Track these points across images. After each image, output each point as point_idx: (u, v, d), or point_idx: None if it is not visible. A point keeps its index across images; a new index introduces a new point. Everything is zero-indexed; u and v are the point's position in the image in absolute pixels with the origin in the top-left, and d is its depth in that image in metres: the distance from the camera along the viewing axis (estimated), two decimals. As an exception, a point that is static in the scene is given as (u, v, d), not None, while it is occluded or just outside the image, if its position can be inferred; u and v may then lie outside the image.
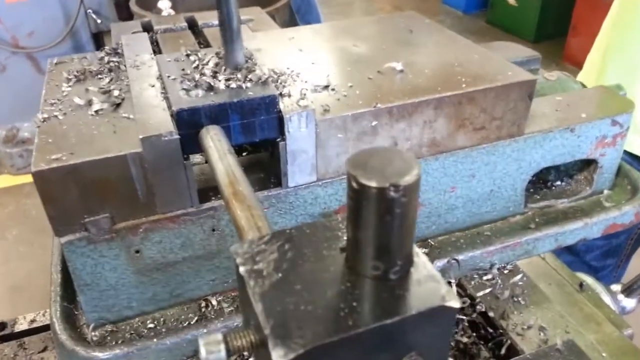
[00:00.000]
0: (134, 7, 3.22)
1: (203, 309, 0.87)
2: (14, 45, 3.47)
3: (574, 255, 1.96)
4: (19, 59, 3.55)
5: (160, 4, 2.58)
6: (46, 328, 1.50)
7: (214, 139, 0.70)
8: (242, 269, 0.44)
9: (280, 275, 0.43)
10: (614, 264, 1.96)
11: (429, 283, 0.42)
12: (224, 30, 0.78)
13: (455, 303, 0.41)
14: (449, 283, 0.94)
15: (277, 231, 0.48)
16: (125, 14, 3.80)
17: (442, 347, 0.44)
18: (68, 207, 0.71)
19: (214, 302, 0.88)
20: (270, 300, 0.41)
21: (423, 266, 0.43)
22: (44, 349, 1.44)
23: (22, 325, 1.50)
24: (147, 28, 1.43)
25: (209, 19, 1.48)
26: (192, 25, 1.46)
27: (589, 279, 1.38)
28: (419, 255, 0.44)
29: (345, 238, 0.46)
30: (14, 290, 2.89)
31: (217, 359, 0.41)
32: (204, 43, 1.33)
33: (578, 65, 4.88)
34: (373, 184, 0.38)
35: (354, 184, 0.39)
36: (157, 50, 1.05)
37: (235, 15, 0.77)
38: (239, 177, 0.62)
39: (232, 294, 0.89)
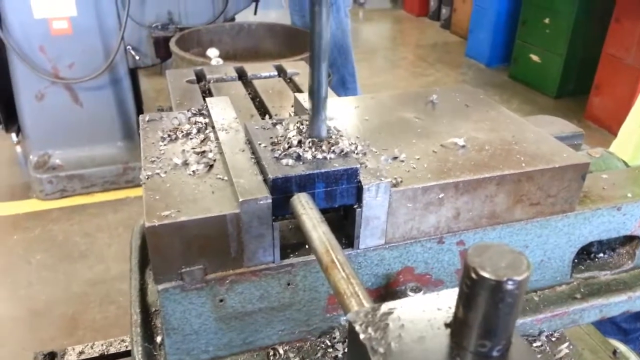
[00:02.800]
0: (173, 47, 3.39)
1: (271, 357, 0.94)
2: (54, 75, 3.63)
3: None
4: (58, 89, 3.70)
5: (209, 52, 2.74)
6: None
7: (306, 207, 0.78)
8: (362, 336, 0.51)
9: (396, 345, 0.50)
10: (644, 328, 1.98)
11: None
12: (314, 105, 0.87)
13: (551, 381, 0.48)
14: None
15: (391, 302, 0.55)
16: (162, 53, 3.98)
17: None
18: (170, 258, 0.80)
19: (281, 351, 0.95)
20: (391, 368, 0.48)
21: (520, 345, 0.50)
22: (92, 381, 1.50)
23: (71, 357, 1.57)
24: (200, 77, 1.55)
25: (256, 70, 1.60)
26: (242, 76, 1.58)
27: (622, 347, 1.42)
28: (516, 335, 0.51)
29: (451, 315, 0.53)
30: (34, 314, 2.94)
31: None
32: (252, 93, 1.44)
33: (599, 123, 4.97)
34: (492, 276, 0.45)
35: (473, 275, 0.46)
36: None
37: (325, 95, 0.87)
38: (335, 246, 0.70)
39: (297, 344, 0.96)
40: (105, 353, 1.51)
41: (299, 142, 0.89)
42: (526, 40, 6.03)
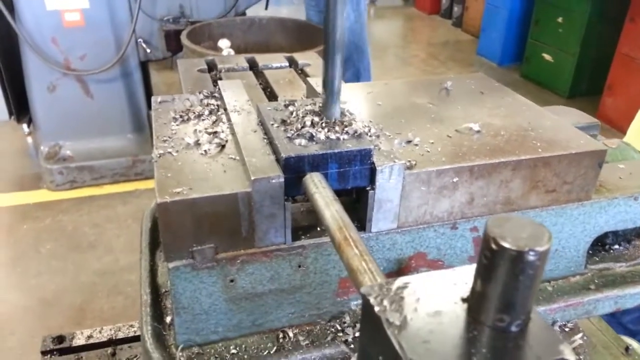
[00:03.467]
0: (184, 40, 3.39)
1: (281, 340, 0.93)
2: (66, 67, 3.64)
3: (610, 317, 1.96)
4: (69, 80, 3.72)
5: (220, 43, 2.74)
6: (103, 345, 1.56)
7: (318, 186, 0.77)
8: (377, 309, 0.50)
9: (412, 318, 0.49)
10: (651, 329, 1.96)
11: (547, 337, 0.48)
12: (326, 84, 0.86)
13: (572, 356, 0.46)
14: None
15: (405, 277, 0.54)
16: (173, 46, 3.98)
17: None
18: (181, 236, 0.79)
19: (291, 334, 0.94)
20: (406, 339, 0.47)
21: (539, 321, 0.49)
22: (100, 365, 1.50)
23: (79, 340, 1.57)
24: (211, 66, 1.54)
25: (268, 61, 1.59)
26: (253, 66, 1.57)
27: (635, 344, 1.40)
28: (535, 311, 0.50)
29: (467, 290, 0.52)
30: (43, 303, 2.96)
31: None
32: (263, 83, 1.43)
33: (611, 123, 4.92)
34: (513, 246, 0.44)
35: (493, 245, 0.45)
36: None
37: (338, 73, 0.86)
38: (347, 223, 0.69)
39: (307, 328, 0.95)
40: (114, 338, 1.51)
41: (312, 122, 0.88)
42: (539, 39, 5.99)
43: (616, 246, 1.14)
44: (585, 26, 5.31)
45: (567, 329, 1.02)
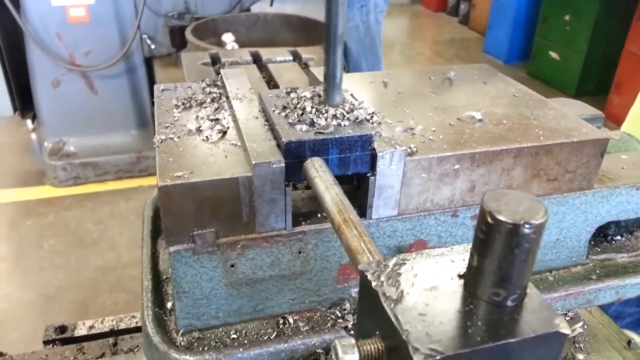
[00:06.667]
0: (189, 36, 3.39)
1: (281, 326, 0.93)
2: (71, 62, 3.65)
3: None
4: (74, 76, 3.73)
5: (224, 37, 2.74)
6: (104, 335, 1.57)
7: (319, 170, 0.77)
8: (374, 284, 0.51)
9: (408, 292, 0.50)
10: (646, 333, 1.94)
11: (542, 311, 0.48)
12: (328, 70, 0.86)
13: (567, 330, 0.46)
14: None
15: (403, 255, 0.54)
16: (178, 42, 3.99)
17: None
18: (182, 220, 0.79)
19: (291, 320, 0.94)
20: (403, 312, 0.47)
21: (535, 296, 0.49)
22: (102, 355, 1.51)
23: (81, 331, 1.58)
24: (215, 60, 1.55)
25: (271, 54, 1.59)
26: (256, 60, 1.57)
27: (637, 338, 1.39)
28: (531, 287, 0.50)
29: (464, 267, 0.52)
30: (45, 299, 2.97)
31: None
32: (267, 77, 1.44)
33: (619, 122, 4.88)
34: (509, 220, 0.44)
35: (489, 219, 0.45)
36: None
37: (340, 60, 0.86)
38: (347, 206, 0.69)
39: (307, 314, 0.95)
40: (116, 328, 1.52)
41: (314, 109, 0.88)
42: (546, 37, 5.97)
43: (618, 237, 1.14)
44: (593, 24, 5.29)
45: (567, 318, 1.01)
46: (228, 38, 2.62)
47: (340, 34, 0.84)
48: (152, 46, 3.87)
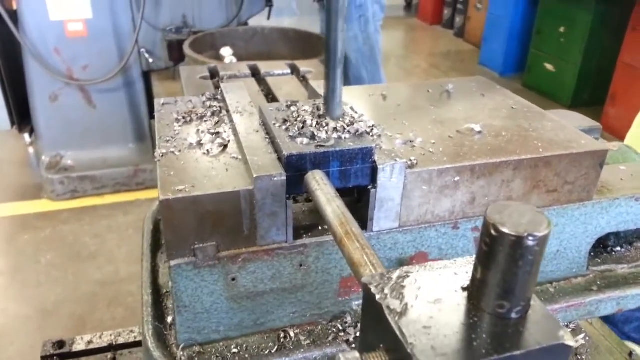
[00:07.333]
0: (187, 49, 3.41)
1: (282, 340, 0.93)
2: (69, 77, 3.65)
3: (612, 326, 1.95)
4: (72, 90, 3.73)
5: (222, 51, 2.76)
6: (102, 350, 1.56)
7: (320, 183, 0.77)
8: (378, 297, 0.51)
9: (412, 305, 0.50)
10: (653, 337, 1.94)
11: (547, 323, 0.48)
12: (329, 85, 0.87)
13: (572, 342, 0.46)
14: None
15: (406, 267, 0.54)
16: (176, 56, 4.00)
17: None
18: (183, 234, 0.79)
19: (292, 334, 0.93)
20: (407, 325, 0.47)
21: (539, 308, 0.49)
22: (100, 370, 1.50)
23: (79, 346, 1.56)
24: (214, 73, 1.55)
25: (270, 68, 1.60)
26: (255, 74, 1.58)
27: (638, 349, 1.39)
28: (535, 299, 0.50)
29: (468, 280, 0.52)
30: (43, 314, 2.95)
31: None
32: (265, 90, 1.44)
33: (614, 134, 4.92)
34: (512, 232, 0.44)
35: (493, 231, 0.46)
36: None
37: (340, 73, 0.86)
38: (349, 219, 0.69)
39: (308, 327, 0.95)
40: (114, 343, 1.50)
41: (314, 122, 0.89)
42: (541, 49, 6.02)
43: (618, 248, 1.14)
44: (587, 36, 5.34)
45: (569, 330, 1.01)
46: (226, 52, 2.64)
47: (341, 50, 0.85)
48: (150, 60, 3.88)
